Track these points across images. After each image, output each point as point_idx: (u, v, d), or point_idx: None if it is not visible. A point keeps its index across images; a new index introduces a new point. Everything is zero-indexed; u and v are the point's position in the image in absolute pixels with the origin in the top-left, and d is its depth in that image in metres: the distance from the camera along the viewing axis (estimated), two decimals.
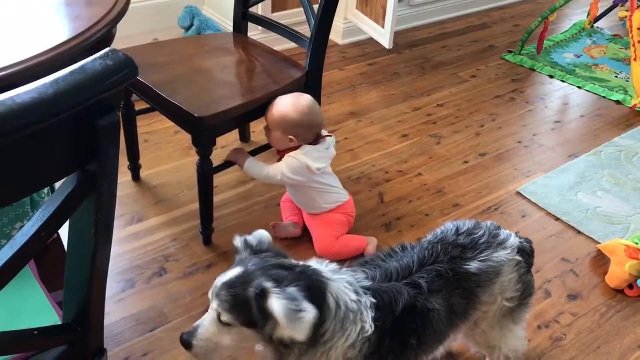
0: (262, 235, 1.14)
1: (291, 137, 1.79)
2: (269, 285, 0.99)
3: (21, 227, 1.19)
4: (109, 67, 0.62)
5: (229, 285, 1.03)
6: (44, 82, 0.58)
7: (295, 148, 1.82)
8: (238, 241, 1.13)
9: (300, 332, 0.96)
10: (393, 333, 1.10)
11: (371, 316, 1.06)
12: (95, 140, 0.65)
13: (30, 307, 0.98)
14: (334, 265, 1.13)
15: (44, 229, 0.68)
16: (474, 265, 1.19)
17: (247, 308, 1.01)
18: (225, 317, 1.03)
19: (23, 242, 0.67)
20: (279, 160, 1.86)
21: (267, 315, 0.99)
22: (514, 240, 1.26)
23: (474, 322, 1.28)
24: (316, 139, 1.84)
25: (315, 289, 1.02)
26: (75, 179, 0.68)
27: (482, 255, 1.21)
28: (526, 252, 1.29)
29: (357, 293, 1.07)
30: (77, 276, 0.81)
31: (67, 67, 1.17)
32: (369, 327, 1.05)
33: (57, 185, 0.71)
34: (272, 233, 1.98)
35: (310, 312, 0.96)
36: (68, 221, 0.73)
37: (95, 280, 0.80)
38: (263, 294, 0.98)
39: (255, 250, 1.10)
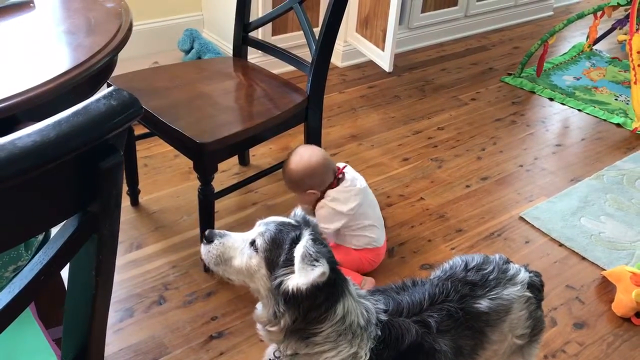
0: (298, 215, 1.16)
1: (310, 191, 1.80)
2: (308, 235, 1.04)
3: (14, 270, 1.16)
4: (113, 107, 0.59)
5: (281, 223, 1.09)
6: (46, 123, 0.56)
7: (322, 197, 1.82)
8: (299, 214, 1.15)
9: (305, 278, 1.00)
10: None
11: (369, 346, 1.06)
12: (98, 181, 0.63)
13: (27, 346, 0.95)
14: (364, 291, 1.15)
15: (44, 273, 0.65)
16: (484, 304, 1.17)
17: (279, 248, 1.05)
18: (259, 242, 1.07)
19: (22, 286, 0.65)
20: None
21: (288, 262, 1.03)
22: (523, 275, 1.24)
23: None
24: (335, 179, 1.82)
25: (335, 289, 1.05)
26: (76, 220, 0.66)
27: (492, 292, 1.18)
28: (536, 287, 1.26)
29: (367, 322, 1.07)
30: (76, 318, 0.78)
31: (67, 96, 1.16)
32: (363, 355, 1.06)
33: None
34: None
35: (324, 267, 1.00)
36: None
37: (96, 322, 0.77)
38: (298, 239, 1.04)
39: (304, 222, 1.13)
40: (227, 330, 1.69)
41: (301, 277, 1.00)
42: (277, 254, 1.05)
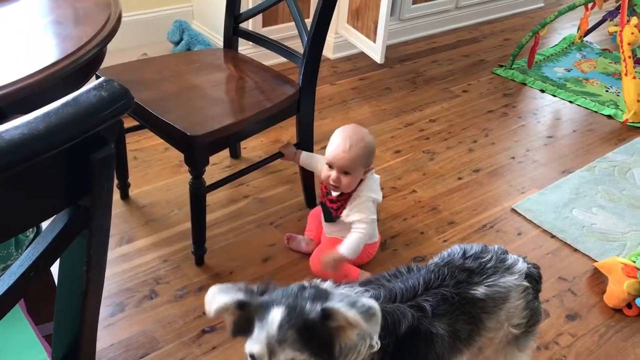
0: (242, 287, 1.02)
1: (370, 168, 1.78)
2: (326, 304, 0.93)
3: (4, 269, 1.14)
4: (104, 98, 0.58)
5: (289, 325, 0.93)
6: (35, 115, 0.54)
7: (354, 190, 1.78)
8: (235, 297, 0.98)
9: (377, 326, 0.91)
10: (394, 355, 1.07)
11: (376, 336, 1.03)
12: (89, 174, 0.61)
13: (17, 343, 0.93)
14: (329, 282, 1.08)
15: (33, 269, 0.63)
16: (480, 290, 1.17)
17: (315, 336, 0.93)
18: (302, 357, 0.93)
19: (11, 283, 0.63)
20: (337, 209, 1.81)
21: (333, 334, 0.94)
22: (521, 265, 1.24)
23: (478, 348, 1.25)
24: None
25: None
26: (67, 215, 0.64)
27: (488, 280, 1.18)
28: (534, 278, 1.26)
29: None
30: (67, 314, 0.76)
31: (55, 88, 1.13)
32: (375, 344, 1.02)
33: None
34: (286, 243, 1.95)
35: (373, 303, 0.92)
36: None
37: (87, 318, 0.76)
38: (328, 313, 0.92)
39: (260, 291, 1.02)
40: (219, 324, 1.68)
41: (373, 328, 0.92)
42: (316, 339, 0.93)
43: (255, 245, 1.97)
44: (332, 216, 1.84)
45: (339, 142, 1.74)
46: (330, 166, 1.75)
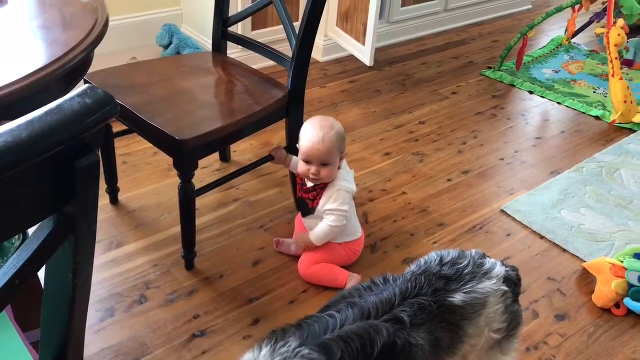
0: None
1: (344, 154, 1.80)
2: None
3: None
4: (88, 105, 0.58)
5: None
6: (18, 123, 0.54)
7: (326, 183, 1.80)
8: None
9: None
10: None
11: None
12: (74, 181, 0.61)
13: (3, 350, 0.92)
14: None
15: (19, 276, 0.63)
16: (458, 298, 1.16)
17: None
18: None
19: None
20: (313, 199, 1.81)
21: None
22: (499, 270, 1.24)
23: (462, 355, 1.25)
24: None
25: None
26: (52, 222, 0.64)
27: (466, 287, 1.18)
28: (512, 282, 1.26)
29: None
30: (54, 321, 0.76)
31: (43, 94, 1.13)
32: None
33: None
34: (275, 247, 1.95)
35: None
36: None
37: (74, 325, 0.75)
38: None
39: None
40: (210, 328, 1.68)
41: None
42: None
43: (246, 249, 1.97)
44: (308, 208, 1.84)
45: (310, 136, 1.74)
46: (308, 162, 1.76)
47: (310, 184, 1.82)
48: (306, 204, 1.84)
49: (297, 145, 1.81)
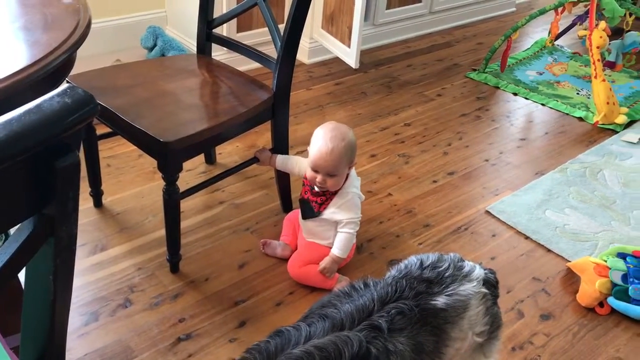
0: None
1: (354, 163, 1.81)
2: None
3: None
4: (68, 105, 0.57)
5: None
6: None
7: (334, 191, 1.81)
8: None
9: None
10: None
11: None
12: (53, 182, 0.60)
13: None
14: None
15: None
16: (441, 300, 1.16)
17: None
18: None
19: None
20: (320, 203, 1.81)
21: None
22: (478, 272, 1.24)
23: None
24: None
25: None
26: (32, 223, 0.63)
27: (448, 289, 1.18)
28: (491, 284, 1.27)
29: None
30: (35, 324, 0.75)
31: (24, 95, 1.12)
32: None
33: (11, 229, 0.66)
34: (261, 249, 1.94)
35: None
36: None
37: (56, 328, 0.74)
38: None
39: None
40: (195, 331, 1.67)
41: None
42: None
43: (232, 251, 1.96)
44: (313, 212, 1.83)
45: (320, 146, 1.74)
46: (316, 170, 1.76)
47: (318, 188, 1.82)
48: (311, 207, 1.83)
49: (307, 148, 1.82)
